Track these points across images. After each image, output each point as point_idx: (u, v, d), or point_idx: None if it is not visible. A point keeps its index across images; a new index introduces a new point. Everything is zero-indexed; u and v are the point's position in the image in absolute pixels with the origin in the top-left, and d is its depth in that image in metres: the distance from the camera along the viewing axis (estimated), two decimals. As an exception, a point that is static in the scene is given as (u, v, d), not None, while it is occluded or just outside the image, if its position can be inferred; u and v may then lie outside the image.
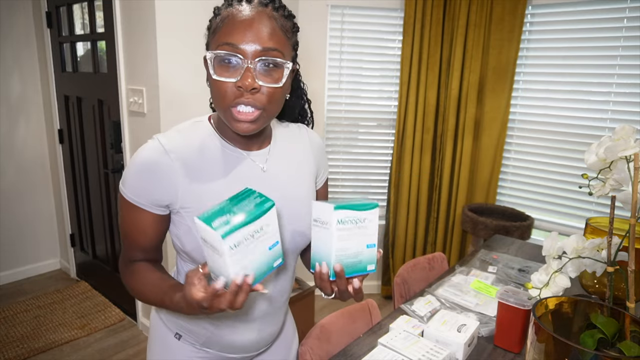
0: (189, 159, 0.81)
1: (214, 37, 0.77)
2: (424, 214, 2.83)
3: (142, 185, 0.80)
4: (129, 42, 2.15)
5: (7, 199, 2.93)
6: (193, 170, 0.81)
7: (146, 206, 0.81)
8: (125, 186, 0.81)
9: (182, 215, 0.82)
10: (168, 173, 0.79)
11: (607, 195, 0.85)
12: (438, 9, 2.55)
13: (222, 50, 0.73)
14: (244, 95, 0.74)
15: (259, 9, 0.74)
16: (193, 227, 0.82)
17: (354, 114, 2.84)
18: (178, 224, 0.84)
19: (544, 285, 0.88)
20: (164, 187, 0.80)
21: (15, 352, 2.29)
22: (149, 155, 0.80)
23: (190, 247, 0.84)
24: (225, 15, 0.75)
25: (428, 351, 0.98)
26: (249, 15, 0.73)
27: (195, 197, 0.81)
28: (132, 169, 0.80)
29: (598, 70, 2.26)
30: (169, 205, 0.82)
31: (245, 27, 0.73)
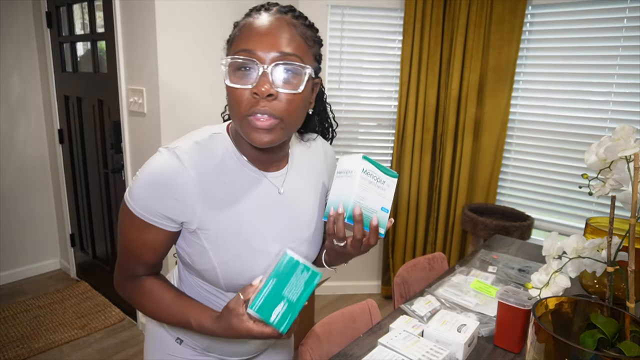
0: (209, 178, 0.76)
1: (231, 47, 0.74)
2: (424, 214, 2.83)
3: (156, 200, 0.73)
4: (129, 42, 2.15)
5: (7, 199, 2.93)
6: (213, 190, 0.76)
7: (159, 223, 0.75)
8: (135, 201, 0.74)
9: (198, 235, 0.78)
10: (186, 190, 0.73)
11: (607, 195, 0.85)
12: (438, 9, 2.55)
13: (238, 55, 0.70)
14: (260, 103, 0.69)
15: (277, 16, 0.72)
16: (209, 250, 0.78)
17: (354, 114, 2.84)
18: (191, 243, 0.79)
19: (544, 285, 0.88)
20: (181, 205, 0.74)
21: (15, 352, 2.29)
22: (165, 169, 0.72)
23: (201, 268, 0.80)
24: (243, 24, 0.73)
25: (428, 351, 0.98)
26: (267, 21, 0.71)
27: (214, 219, 0.77)
28: (143, 182, 0.73)
29: (598, 70, 2.26)
30: (184, 224, 0.77)
31: (262, 32, 0.70)
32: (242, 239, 0.79)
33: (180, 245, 0.82)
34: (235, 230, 0.78)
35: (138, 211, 0.74)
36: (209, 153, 0.77)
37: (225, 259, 0.79)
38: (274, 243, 0.83)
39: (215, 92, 2.23)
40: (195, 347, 0.94)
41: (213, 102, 2.22)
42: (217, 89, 2.25)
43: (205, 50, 2.16)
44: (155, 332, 0.99)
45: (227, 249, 0.78)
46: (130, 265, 0.83)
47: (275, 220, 0.84)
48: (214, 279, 0.81)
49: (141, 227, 0.76)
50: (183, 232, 0.80)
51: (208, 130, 0.82)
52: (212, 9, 2.13)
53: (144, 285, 0.84)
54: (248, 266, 0.80)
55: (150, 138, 2.16)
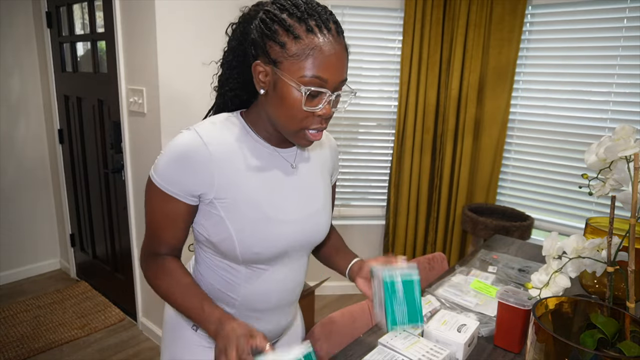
0: (225, 151, 0.83)
1: (297, 63, 0.76)
2: (424, 214, 2.83)
3: (178, 174, 0.81)
4: (129, 42, 2.15)
5: (7, 199, 2.93)
6: (229, 162, 0.83)
7: (180, 196, 0.82)
8: (159, 175, 0.82)
9: (215, 205, 0.84)
10: (205, 163, 0.81)
11: (607, 195, 0.85)
12: (438, 9, 2.55)
13: (312, 83, 0.76)
14: (321, 123, 0.81)
15: (339, 41, 0.79)
16: (225, 218, 0.84)
17: (354, 114, 2.84)
18: (208, 215, 0.85)
19: (544, 285, 0.88)
20: (200, 177, 0.81)
21: (15, 352, 2.29)
22: (187, 144, 0.81)
23: (218, 239, 0.86)
24: (313, 46, 0.76)
25: (428, 351, 0.98)
26: (335, 49, 0.77)
27: (231, 189, 0.83)
28: (167, 157, 0.81)
29: (598, 70, 2.26)
30: (202, 196, 0.84)
31: (333, 63, 0.77)
32: (257, 208, 0.85)
33: (198, 222, 0.88)
34: (250, 199, 0.85)
35: (161, 184, 0.82)
36: (225, 131, 0.86)
37: (241, 227, 0.84)
38: (290, 214, 0.90)
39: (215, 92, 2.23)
40: None
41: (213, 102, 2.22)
42: (217, 89, 2.24)
43: (206, 50, 2.16)
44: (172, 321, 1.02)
45: (243, 216, 0.84)
46: (154, 240, 0.89)
47: (289, 192, 0.91)
48: (231, 249, 0.85)
49: (163, 199, 0.83)
50: (200, 207, 0.86)
51: (223, 114, 0.91)
52: (212, 9, 2.13)
53: (167, 264, 0.89)
54: (263, 234, 0.86)
55: (150, 138, 2.16)
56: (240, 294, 0.92)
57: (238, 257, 0.87)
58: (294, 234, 0.90)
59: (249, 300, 0.93)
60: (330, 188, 1.04)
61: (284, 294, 0.97)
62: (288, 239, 0.90)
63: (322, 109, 0.79)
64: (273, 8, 0.79)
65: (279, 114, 0.81)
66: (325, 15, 0.79)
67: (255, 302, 0.93)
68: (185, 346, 0.99)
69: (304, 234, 0.93)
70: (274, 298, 0.95)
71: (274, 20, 0.77)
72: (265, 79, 0.80)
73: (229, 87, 0.91)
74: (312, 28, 0.76)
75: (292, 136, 0.84)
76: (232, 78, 0.89)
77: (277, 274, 0.93)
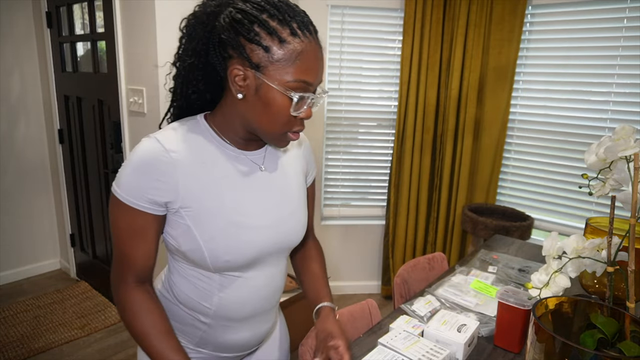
0: (189, 157, 0.80)
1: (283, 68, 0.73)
2: (424, 214, 2.83)
3: (142, 184, 0.77)
4: (129, 42, 2.15)
5: (7, 199, 2.93)
6: (193, 168, 0.80)
7: (146, 207, 0.79)
8: (122, 188, 0.78)
9: (181, 215, 0.80)
10: (169, 170, 0.78)
11: (607, 195, 0.85)
12: (438, 9, 2.55)
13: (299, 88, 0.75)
14: (302, 124, 0.81)
15: (318, 43, 0.78)
16: (193, 227, 0.80)
17: (354, 114, 2.84)
18: (175, 225, 0.82)
19: (544, 285, 0.88)
20: (165, 186, 0.78)
21: (15, 352, 2.29)
22: (148, 153, 0.77)
23: (187, 248, 0.82)
24: (299, 50, 0.73)
25: (428, 351, 0.98)
26: (318, 52, 0.77)
27: (196, 197, 0.80)
28: (129, 169, 0.77)
29: (598, 70, 2.26)
30: (168, 205, 0.80)
31: (317, 66, 0.77)
32: (225, 215, 0.82)
33: (166, 231, 0.84)
34: (217, 206, 0.81)
35: (125, 197, 0.78)
36: (188, 137, 0.82)
37: (210, 236, 0.81)
38: (261, 218, 0.86)
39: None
40: (187, 343, 0.94)
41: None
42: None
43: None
44: None
45: (210, 225, 0.81)
46: (124, 263, 0.83)
47: (259, 195, 0.87)
48: (201, 259, 0.82)
49: (129, 214, 0.79)
50: (168, 217, 0.82)
51: (184, 120, 0.86)
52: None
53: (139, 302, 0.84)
54: (233, 241, 0.82)
55: (150, 138, 2.16)
56: (214, 302, 0.88)
57: (209, 265, 0.83)
58: (266, 239, 0.87)
59: (224, 309, 0.89)
60: (305, 189, 1.00)
61: (260, 301, 0.92)
62: (260, 244, 0.86)
63: (305, 111, 0.79)
64: (248, 7, 0.74)
65: (262, 119, 0.78)
66: (305, 17, 0.76)
67: (230, 310, 0.89)
68: None
69: (277, 239, 0.89)
70: (249, 306, 0.91)
71: (253, 21, 0.73)
72: (244, 83, 0.76)
73: (191, 89, 0.84)
74: (295, 31, 0.73)
75: (273, 139, 0.82)
76: (195, 80, 0.83)
77: (252, 281, 0.89)
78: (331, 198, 2.97)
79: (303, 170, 1.01)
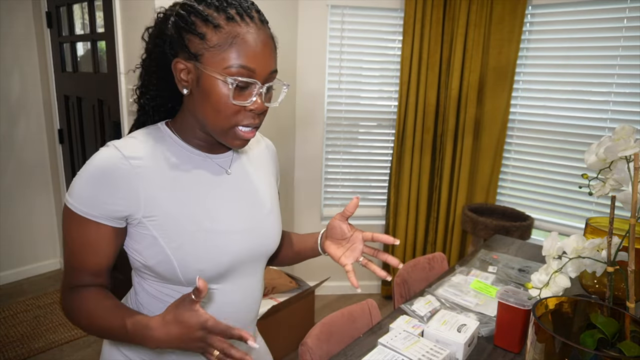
0: (150, 163, 0.75)
1: (219, 54, 0.71)
2: (424, 214, 2.83)
3: (97, 195, 0.72)
4: (129, 42, 2.15)
5: (7, 199, 2.93)
6: (155, 174, 0.75)
7: (100, 219, 0.73)
8: (75, 198, 0.72)
9: (145, 226, 0.75)
10: (128, 180, 0.72)
11: (607, 195, 0.85)
12: (438, 9, 2.55)
13: (239, 74, 0.71)
14: (253, 118, 0.75)
15: (263, 29, 0.73)
16: (159, 237, 0.75)
17: (354, 114, 2.84)
18: (139, 237, 0.77)
19: (544, 285, 0.88)
20: (123, 196, 0.73)
21: (15, 352, 2.29)
22: (105, 162, 0.72)
23: (155, 261, 0.77)
24: (234, 34, 0.71)
25: (428, 351, 0.98)
26: (260, 37, 0.72)
27: (161, 204, 0.75)
28: (84, 178, 0.72)
29: (598, 70, 2.26)
30: (128, 217, 0.75)
31: (260, 51, 0.72)
32: (192, 220, 0.77)
33: (129, 246, 0.79)
34: (183, 212, 0.77)
35: (79, 208, 0.73)
36: (148, 143, 0.78)
37: (178, 244, 0.76)
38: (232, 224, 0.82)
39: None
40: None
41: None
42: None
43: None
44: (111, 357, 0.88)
45: (177, 232, 0.76)
46: (74, 274, 0.78)
47: (228, 200, 0.83)
48: (171, 271, 0.77)
49: (82, 225, 0.74)
50: (129, 230, 0.77)
51: (143, 129, 0.82)
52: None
53: (85, 293, 0.78)
54: (204, 248, 0.78)
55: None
56: None
57: (180, 278, 0.77)
58: (240, 245, 0.82)
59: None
60: (277, 192, 0.97)
61: (237, 315, 0.86)
62: (233, 251, 0.81)
63: (253, 102, 0.73)
64: (190, 1, 0.73)
65: (207, 112, 0.74)
66: (247, 4, 0.74)
67: None
68: None
69: (251, 244, 0.84)
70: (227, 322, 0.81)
71: (190, 12, 0.72)
72: (187, 76, 0.74)
73: (149, 95, 0.81)
74: (232, 16, 0.71)
75: (223, 136, 0.76)
76: (152, 85, 0.80)
77: (229, 294, 0.84)
78: (331, 198, 2.97)
79: (273, 173, 0.98)
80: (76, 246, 0.76)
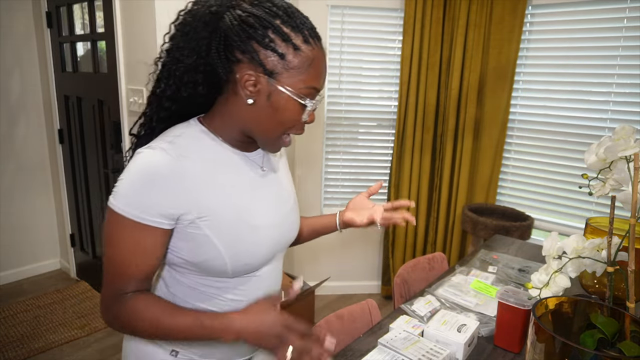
0: (198, 164, 0.76)
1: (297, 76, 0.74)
2: (424, 214, 2.83)
3: (149, 197, 0.71)
4: (129, 42, 2.15)
5: (7, 199, 2.93)
6: (203, 175, 0.77)
7: (154, 222, 0.72)
8: (125, 203, 0.71)
9: (198, 225, 0.76)
10: (180, 180, 0.73)
11: (607, 195, 0.85)
12: (438, 9, 2.55)
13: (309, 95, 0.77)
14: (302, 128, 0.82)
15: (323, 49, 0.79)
16: (212, 236, 0.77)
17: (354, 114, 2.84)
18: (188, 237, 0.77)
19: (544, 285, 0.88)
20: (178, 197, 0.73)
21: (15, 352, 2.29)
22: (154, 164, 0.72)
23: (204, 258, 0.78)
24: (312, 58, 0.74)
25: (428, 351, 0.98)
26: (325, 59, 0.79)
27: (212, 203, 0.77)
28: (134, 181, 0.71)
29: (598, 70, 2.26)
30: (180, 217, 0.75)
31: (324, 72, 0.79)
32: (240, 218, 0.80)
33: (175, 246, 0.79)
34: (231, 210, 0.79)
35: (130, 212, 0.71)
36: (191, 143, 0.79)
37: (230, 241, 0.79)
38: (268, 217, 0.87)
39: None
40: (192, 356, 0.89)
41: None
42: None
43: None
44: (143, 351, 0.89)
45: (228, 229, 0.78)
46: (122, 281, 0.76)
47: (264, 195, 0.88)
48: (220, 266, 0.79)
49: (134, 230, 0.72)
50: (177, 230, 0.77)
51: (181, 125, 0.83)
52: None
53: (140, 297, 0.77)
54: (252, 243, 0.82)
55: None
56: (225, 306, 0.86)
57: (228, 272, 0.80)
58: (274, 236, 0.87)
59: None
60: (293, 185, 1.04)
61: None
62: (270, 243, 0.86)
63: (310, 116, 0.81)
64: (259, 12, 0.72)
65: (269, 124, 0.77)
66: (310, 24, 0.76)
67: None
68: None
69: (282, 235, 0.91)
70: None
71: (266, 26, 0.71)
72: (254, 88, 0.74)
73: (187, 92, 0.78)
74: (307, 39, 0.73)
75: (270, 143, 0.81)
76: (192, 82, 0.77)
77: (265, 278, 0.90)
78: (331, 198, 2.97)
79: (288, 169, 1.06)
80: (126, 252, 0.74)
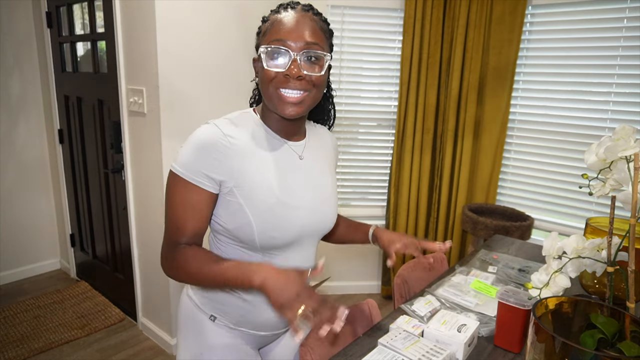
0: (243, 143, 0.92)
1: (264, 38, 0.91)
2: (424, 214, 2.83)
3: (202, 162, 0.87)
4: (129, 42, 2.15)
5: (7, 199, 2.93)
6: (246, 152, 0.91)
7: (203, 184, 0.88)
8: (181, 165, 0.88)
9: (234, 194, 0.91)
10: (226, 152, 0.88)
11: (607, 195, 0.85)
12: (438, 9, 2.55)
13: (272, 44, 0.87)
14: (290, 82, 0.88)
15: (302, 13, 0.90)
16: (244, 204, 0.90)
17: (354, 114, 2.84)
18: (227, 204, 0.92)
19: (544, 285, 0.88)
20: (222, 165, 0.88)
21: (15, 352, 2.29)
22: (209, 136, 0.88)
23: (236, 225, 0.92)
24: (274, 19, 0.90)
25: (428, 351, 0.98)
26: (294, 17, 0.89)
27: (248, 177, 0.91)
28: (190, 148, 0.88)
29: (598, 70, 2.26)
30: (222, 184, 0.90)
31: (291, 26, 0.88)
32: (272, 194, 0.92)
33: (217, 214, 0.95)
34: (266, 186, 0.92)
35: (184, 173, 0.88)
36: (240, 125, 0.95)
37: (259, 212, 0.91)
38: (301, 200, 0.98)
39: (214, 91, 2.23)
40: (228, 323, 1.04)
41: (213, 102, 2.22)
42: (217, 89, 2.24)
43: (205, 50, 2.16)
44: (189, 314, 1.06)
45: (260, 202, 0.91)
46: (177, 233, 0.91)
47: (299, 180, 0.99)
48: (249, 234, 0.92)
49: (187, 190, 0.89)
50: (220, 197, 0.92)
51: (237, 112, 1.00)
52: (212, 9, 2.13)
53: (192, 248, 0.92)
54: (280, 218, 0.93)
55: (150, 138, 2.16)
56: None
57: (255, 241, 0.92)
58: (305, 219, 0.98)
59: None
60: (336, 181, 1.12)
61: None
62: (300, 223, 0.97)
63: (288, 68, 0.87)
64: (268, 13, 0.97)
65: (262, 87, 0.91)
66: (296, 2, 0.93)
67: None
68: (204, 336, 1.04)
69: (313, 220, 1.00)
70: None
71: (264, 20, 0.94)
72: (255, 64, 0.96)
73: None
74: (278, 10, 0.91)
75: (273, 103, 0.91)
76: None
77: (291, 260, 1.00)
78: (331, 198, 2.97)
79: (334, 165, 1.16)
80: (180, 208, 0.90)
